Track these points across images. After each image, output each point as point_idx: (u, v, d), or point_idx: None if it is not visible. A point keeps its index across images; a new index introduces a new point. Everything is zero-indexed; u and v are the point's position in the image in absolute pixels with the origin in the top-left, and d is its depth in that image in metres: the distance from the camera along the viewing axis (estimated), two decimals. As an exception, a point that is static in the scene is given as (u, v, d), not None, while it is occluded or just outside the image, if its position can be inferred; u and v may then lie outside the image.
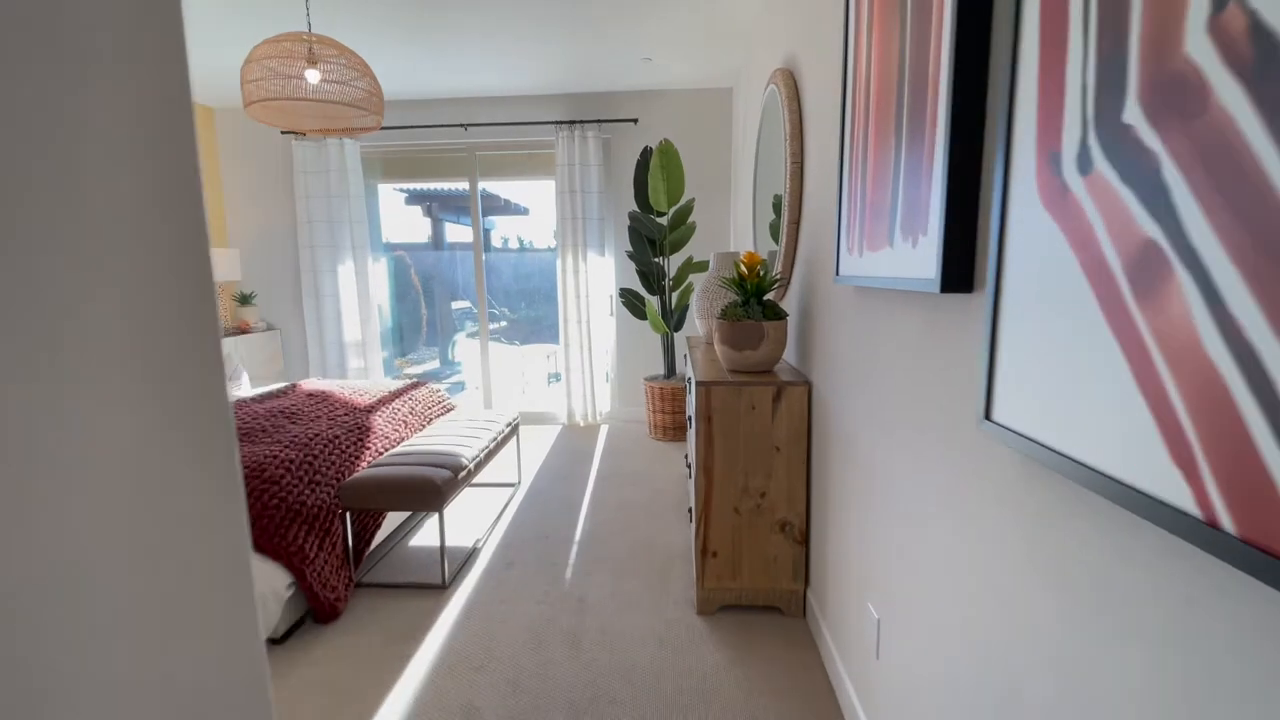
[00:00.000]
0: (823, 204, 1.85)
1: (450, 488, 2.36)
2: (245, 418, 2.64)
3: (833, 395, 1.75)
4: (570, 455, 3.89)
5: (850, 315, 1.57)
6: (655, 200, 3.85)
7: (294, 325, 4.83)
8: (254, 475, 2.11)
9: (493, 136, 4.46)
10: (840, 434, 1.68)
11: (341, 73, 2.64)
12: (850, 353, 1.58)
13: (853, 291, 1.55)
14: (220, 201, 4.69)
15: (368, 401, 3.07)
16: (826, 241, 1.80)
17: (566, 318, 4.47)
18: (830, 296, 1.76)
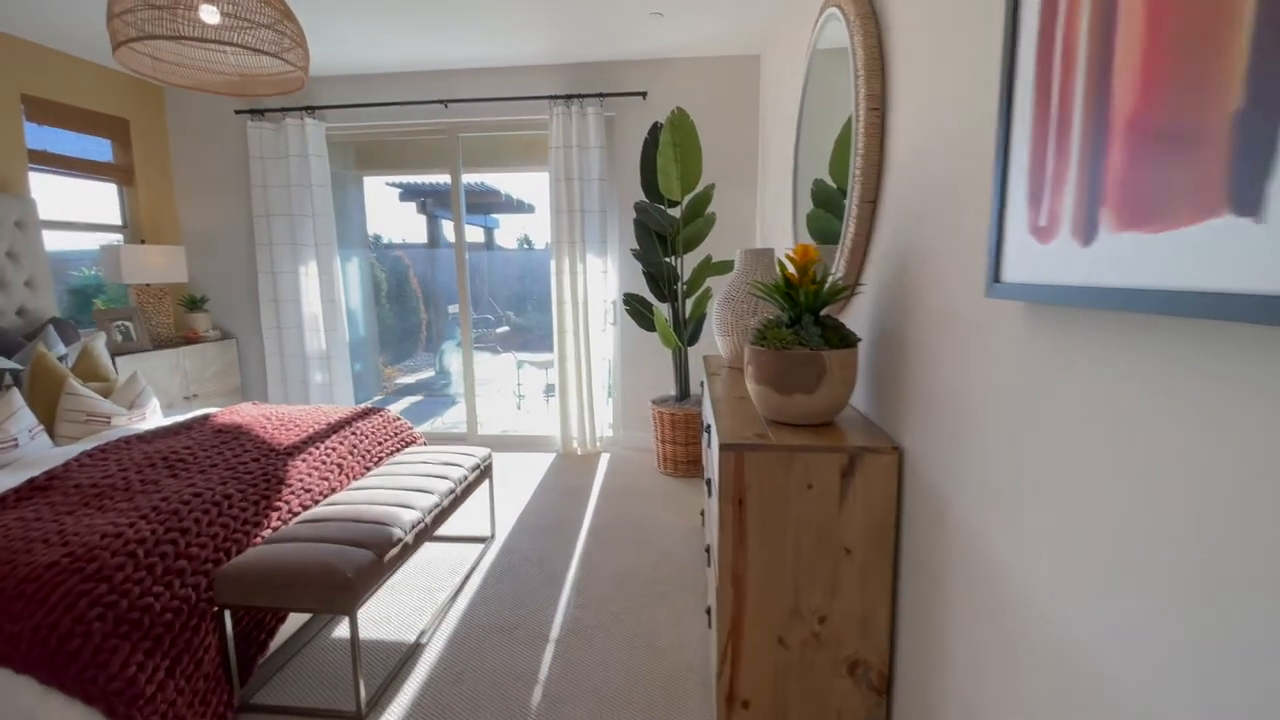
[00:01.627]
0: (935, 168, 1.14)
1: (369, 578, 1.67)
2: (112, 468, 1.98)
3: (954, 474, 1.04)
4: (561, 495, 3.20)
5: (1019, 350, 0.86)
6: (666, 186, 3.14)
7: (252, 334, 4.21)
8: (70, 571, 1.44)
9: (477, 114, 3.79)
10: (969, 539, 0.96)
11: (252, 11, 1.97)
12: (1010, 415, 0.87)
13: (1030, 311, 0.83)
14: (170, 192, 4.07)
15: (294, 438, 2.40)
16: (945, 226, 1.08)
17: (562, 327, 3.78)
18: (961, 315, 1.04)
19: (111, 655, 1.36)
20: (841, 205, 1.97)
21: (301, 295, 3.98)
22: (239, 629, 1.72)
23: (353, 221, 4.77)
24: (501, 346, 5.95)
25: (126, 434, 2.39)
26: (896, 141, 1.34)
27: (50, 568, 1.44)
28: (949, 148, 1.06)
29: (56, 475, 1.90)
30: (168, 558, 1.60)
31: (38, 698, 1.31)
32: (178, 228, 4.13)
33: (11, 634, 1.33)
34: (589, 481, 3.40)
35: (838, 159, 1.98)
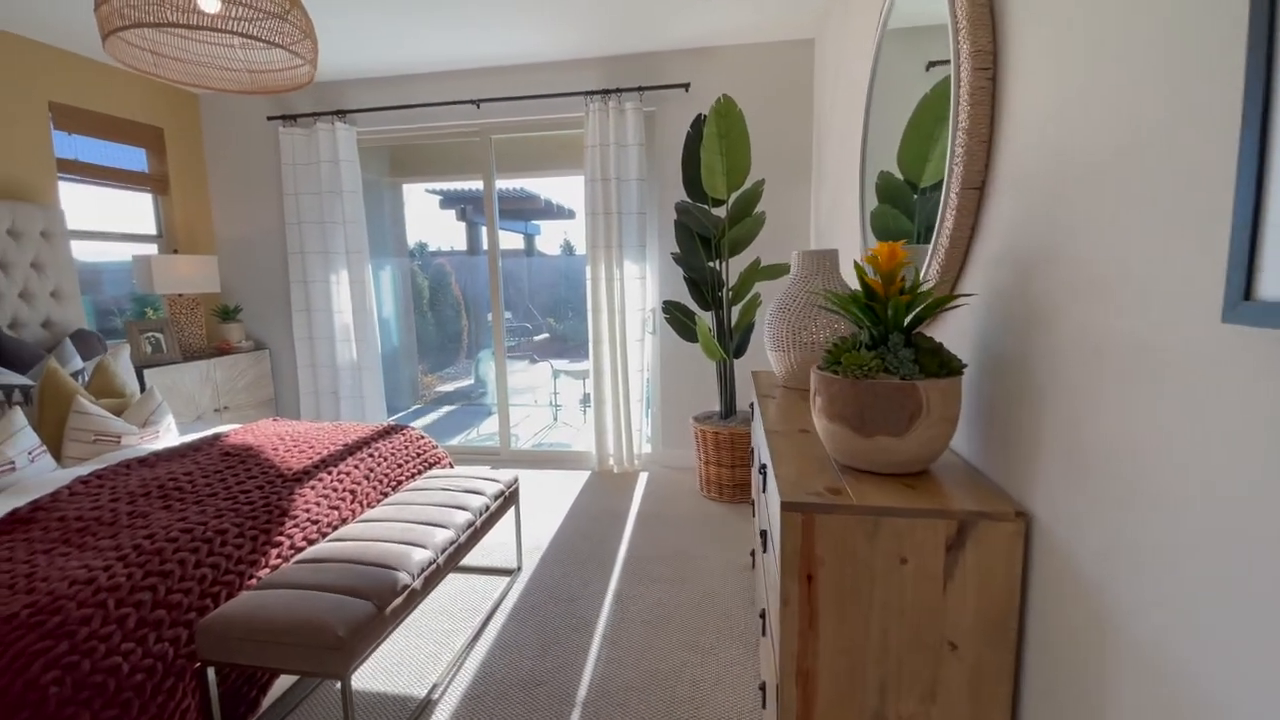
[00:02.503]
0: (1093, 144, 0.83)
1: (365, 636, 1.44)
2: (104, 498, 1.82)
3: (1128, 561, 0.72)
4: (595, 520, 2.94)
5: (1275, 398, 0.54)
6: (710, 184, 2.86)
7: (284, 344, 4.12)
8: (28, 626, 1.26)
9: (510, 114, 3.60)
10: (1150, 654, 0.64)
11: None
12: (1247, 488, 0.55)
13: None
14: (205, 201, 4.03)
15: (306, 462, 2.22)
16: (1113, 221, 0.77)
17: (598, 337, 3.54)
18: (1152, 343, 0.73)
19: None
20: (910, 200, 1.67)
21: (333, 304, 3.87)
22: (226, 686, 1.52)
23: (389, 229, 4.66)
24: (539, 355, 5.76)
25: (133, 456, 2.26)
26: (1015, 110, 1.03)
27: (7, 621, 1.26)
28: (1124, 115, 0.75)
29: (42, 506, 1.75)
30: (143, 607, 1.41)
31: (-33, 788, 1.13)
32: (212, 237, 4.08)
33: (-54, 707, 1.15)
34: (625, 504, 3.13)
35: (908, 146, 1.67)
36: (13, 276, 2.79)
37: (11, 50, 2.91)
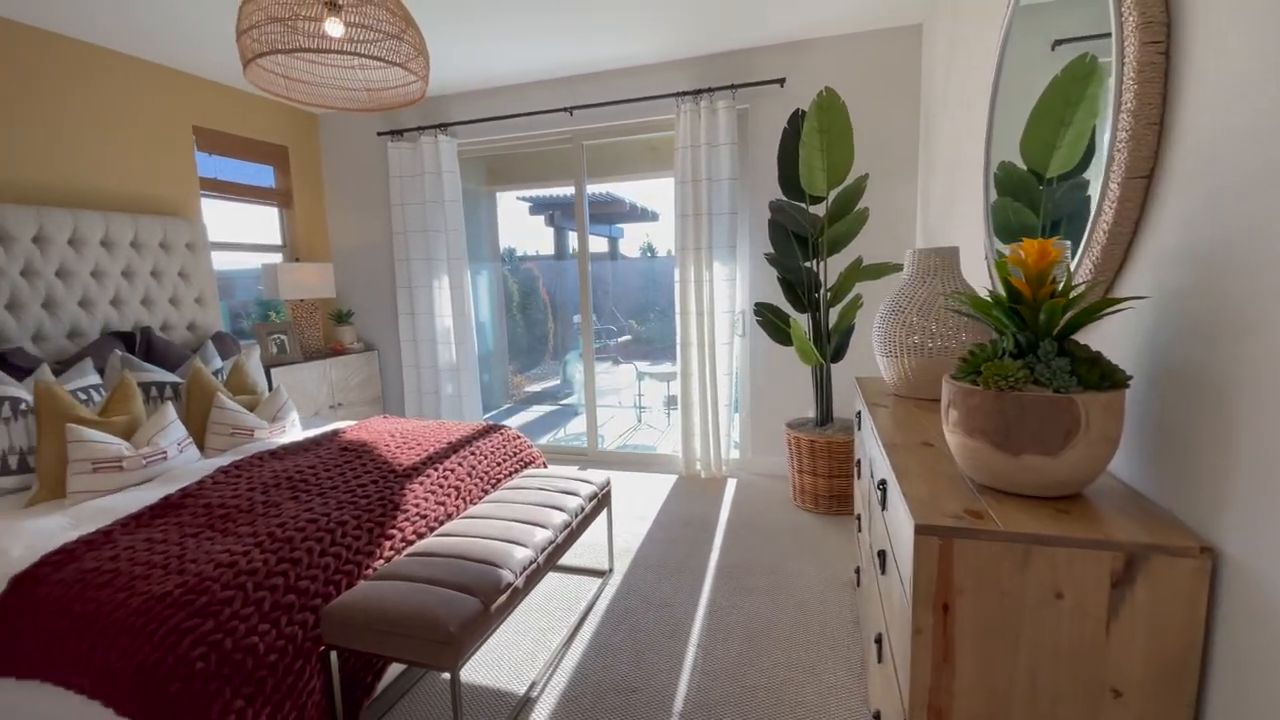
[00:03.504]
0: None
1: (474, 632, 1.48)
2: (241, 487, 1.99)
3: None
4: (684, 527, 2.91)
5: None
6: (809, 181, 2.75)
7: (391, 346, 4.38)
8: (179, 605, 1.38)
9: (601, 119, 3.63)
10: None
11: (378, 22, 1.89)
12: None
13: None
14: (322, 213, 4.35)
15: (414, 458, 2.33)
16: None
17: (686, 339, 3.50)
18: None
19: (211, 701, 1.27)
20: (1035, 192, 1.53)
21: (435, 308, 4.06)
22: (346, 670, 1.60)
23: (484, 236, 4.85)
24: (623, 357, 5.81)
25: (264, 448, 2.46)
26: (1195, 88, 0.90)
27: (161, 599, 1.39)
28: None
29: (190, 493, 1.93)
30: (276, 591, 1.52)
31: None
32: (328, 246, 4.40)
33: (116, 671, 1.28)
34: (714, 512, 3.08)
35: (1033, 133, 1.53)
36: (163, 284, 3.12)
37: (162, 81, 3.26)
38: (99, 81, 2.97)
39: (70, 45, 2.85)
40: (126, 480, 2.08)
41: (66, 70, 2.84)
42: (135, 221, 2.98)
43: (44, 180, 2.76)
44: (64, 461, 2.02)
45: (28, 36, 2.69)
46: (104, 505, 1.95)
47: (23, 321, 2.57)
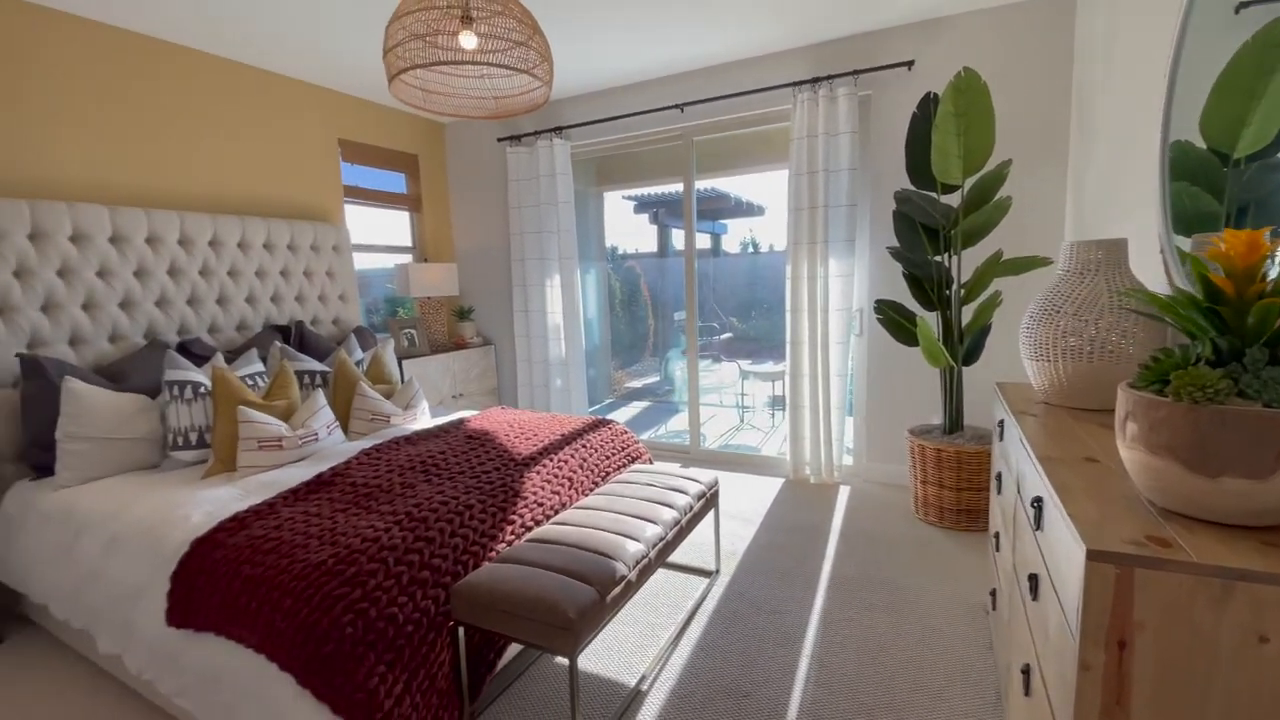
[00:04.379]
0: None
1: (591, 620, 1.52)
2: (381, 468, 2.16)
3: None
4: (792, 533, 2.82)
5: None
6: (942, 168, 2.56)
7: (506, 341, 4.61)
8: (332, 573, 1.52)
9: (713, 114, 3.60)
10: None
11: (507, 31, 1.98)
12: None
13: None
14: (447, 216, 4.65)
15: (531, 448, 2.43)
16: None
17: (796, 338, 3.39)
18: None
19: (358, 664, 1.39)
20: (1218, 174, 1.35)
21: (546, 306, 4.22)
22: (471, 646, 1.70)
23: (591, 235, 4.98)
24: (725, 355, 5.73)
25: (399, 434, 2.67)
26: None
27: (318, 567, 1.54)
28: None
29: (339, 472, 2.12)
30: (413, 567, 1.63)
31: (293, 698, 1.39)
32: (452, 247, 4.70)
33: (279, 629, 1.43)
34: (825, 519, 2.95)
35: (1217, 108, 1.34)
36: (314, 283, 3.47)
37: (312, 98, 3.61)
38: (262, 101, 3.35)
39: (239, 69, 3.23)
40: (285, 458, 2.34)
41: (236, 91, 3.23)
42: (291, 226, 3.33)
43: (217, 191, 3.16)
44: (235, 439, 2.30)
45: (205, 62, 3.09)
46: (266, 479, 2.19)
47: (200, 315, 2.96)
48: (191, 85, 3.01)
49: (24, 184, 2.49)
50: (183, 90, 2.98)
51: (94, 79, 2.67)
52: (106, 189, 2.73)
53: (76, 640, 2.09)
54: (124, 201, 2.79)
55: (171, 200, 2.96)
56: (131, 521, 1.88)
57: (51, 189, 2.57)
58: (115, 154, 2.75)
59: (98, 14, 2.61)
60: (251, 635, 1.49)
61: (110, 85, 2.73)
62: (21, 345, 2.36)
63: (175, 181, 2.97)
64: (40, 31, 2.51)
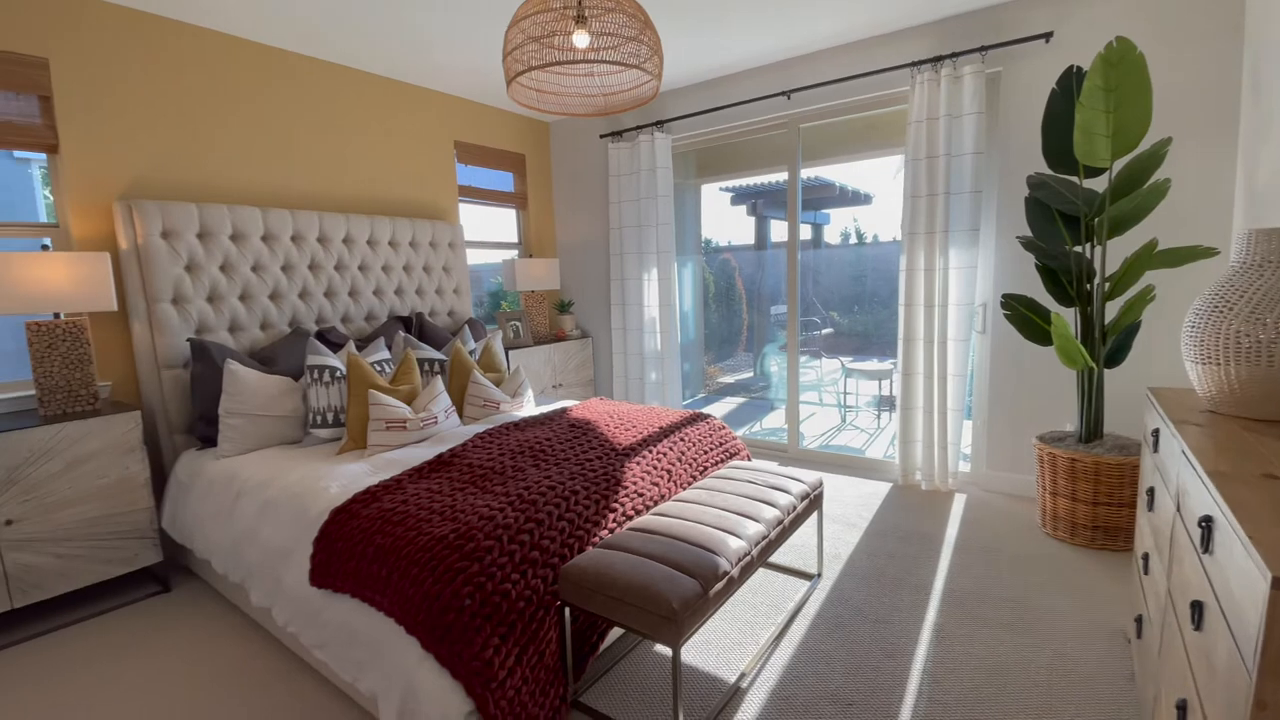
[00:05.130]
0: None
1: (694, 613, 1.52)
2: (494, 451, 2.27)
3: None
4: (901, 540, 2.67)
5: None
6: (1086, 149, 2.32)
7: (603, 334, 4.70)
8: (453, 548, 1.61)
9: (820, 100, 3.47)
10: None
11: (619, 27, 2.01)
12: None
13: None
14: (550, 213, 4.81)
15: (630, 439, 2.46)
16: None
17: (910, 334, 3.20)
18: None
19: (475, 635, 1.47)
20: None
21: (643, 299, 4.26)
22: (576, 627, 1.75)
23: (688, 228, 4.96)
24: (825, 351, 5.53)
25: (508, 420, 2.79)
26: None
27: (440, 541, 1.64)
28: None
29: (456, 453, 2.25)
30: (524, 547, 1.70)
31: (417, 661, 1.49)
32: (554, 242, 4.85)
33: (407, 596, 1.54)
34: (938, 528, 2.78)
35: None
36: (431, 277, 3.70)
37: (432, 104, 3.84)
38: (389, 107, 3.61)
39: (369, 79, 3.50)
40: (408, 438, 2.51)
41: (367, 100, 3.50)
42: (412, 225, 3.57)
43: (349, 192, 3.44)
44: (365, 420, 2.50)
45: (341, 75, 3.37)
46: (393, 457, 2.37)
47: (335, 306, 3.24)
48: (329, 95, 3.30)
49: (191, 188, 2.84)
50: (322, 100, 3.27)
51: (247, 93, 2.99)
52: (258, 192, 3.06)
53: (233, 592, 2.36)
54: (271, 203, 3.11)
55: (310, 202, 3.26)
56: (281, 489, 2.10)
57: (212, 193, 2.91)
58: (263, 160, 3.07)
59: (252, 34, 2.92)
60: (382, 599, 1.61)
61: (260, 97, 3.04)
62: (191, 331, 2.69)
63: (313, 184, 3.27)
64: (203, 53, 2.84)
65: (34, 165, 4.98)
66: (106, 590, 2.51)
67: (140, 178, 2.68)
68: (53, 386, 2.30)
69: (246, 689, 1.86)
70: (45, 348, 2.29)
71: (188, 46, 2.78)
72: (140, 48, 2.65)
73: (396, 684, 1.54)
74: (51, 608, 2.38)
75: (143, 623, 2.26)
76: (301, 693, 1.84)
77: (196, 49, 2.80)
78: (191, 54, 2.79)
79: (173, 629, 2.22)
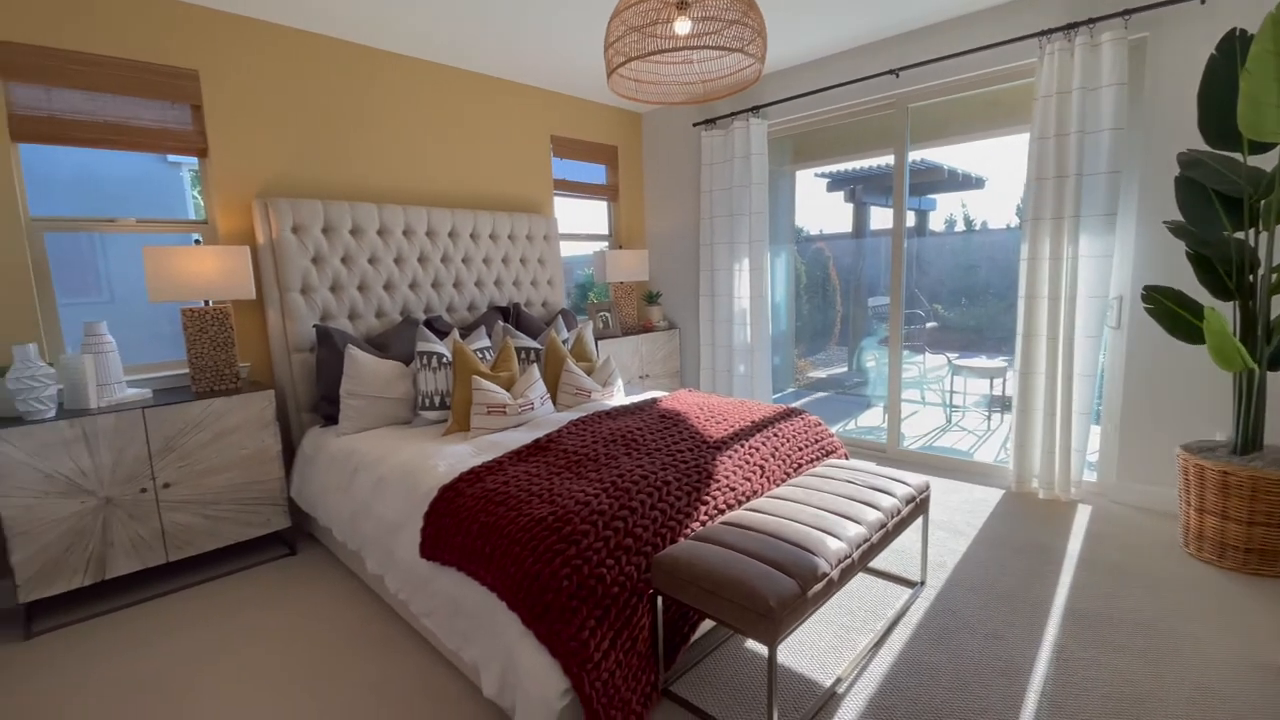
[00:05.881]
0: None
1: (791, 612, 1.47)
2: (587, 439, 2.31)
3: None
4: (1016, 552, 2.48)
5: None
6: (1253, 122, 2.02)
7: (691, 325, 4.68)
8: (552, 529, 1.66)
9: (933, 78, 3.25)
10: None
11: (721, 10, 1.97)
12: None
13: None
14: (640, 204, 4.83)
15: (722, 432, 2.43)
16: None
17: (1031, 329, 2.95)
18: None
19: (573, 615, 1.50)
20: None
21: (734, 290, 4.19)
22: (667, 616, 1.75)
23: (781, 216, 4.82)
24: (929, 346, 5.21)
25: (599, 409, 2.84)
26: None
27: (540, 522, 1.69)
28: None
29: (552, 439, 2.32)
30: (619, 533, 1.72)
31: (518, 636, 1.54)
32: (644, 234, 4.87)
33: (509, 573, 1.60)
34: (1060, 541, 2.55)
35: None
36: (528, 269, 3.82)
37: (529, 99, 3.95)
38: (491, 105, 3.74)
39: (473, 78, 3.65)
40: (507, 423, 2.61)
41: (470, 98, 3.65)
42: (511, 218, 3.69)
43: (453, 187, 3.61)
44: (469, 404, 2.62)
45: (448, 76, 3.52)
46: (493, 440, 2.47)
47: (441, 297, 3.41)
48: (437, 95, 3.47)
49: (317, 185, 3.08)
50: (430, 100, 3.45)
51: (363, 95, 3.21)
52: (373, 189, 3.27)
53: (350, 559, 2.56)
54: (385, 200, 3.32)
55: (418, 197, 3.45)
56: (394, 467, 2.25)
57: (334, 190, 3.14)
58: (378, 159, 3.28)
59: (370, 39, 3.12)
60: (486, 574, 1.68)
61: (375, 99, 3.25)
62: (316, 318, 2.93)
63: (421, 180, 3.46)
64: (326, 59, 3.07)
65: (184, 168, 5.61)
66: (242, 550, 2.80)
67: (274, 177, 2.94)
68: (203, 366, 2.58)
69: (363, 650, 2.01)
70: (197, 331, 2.57)
71: (313, 54, 3.01)
72: (275, 57, 2.90)
73: (498, 656, 1.61)
74: (198, 563, 2.68)
75: (273, 581, 2.50)
76: (411, 658, 1.97)
77: (320, 56, 3.03)
78: (316, 61, 3.02)
79: (299, 589, 2.44)
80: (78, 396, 2.26)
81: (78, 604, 2.36)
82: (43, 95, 2.37)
